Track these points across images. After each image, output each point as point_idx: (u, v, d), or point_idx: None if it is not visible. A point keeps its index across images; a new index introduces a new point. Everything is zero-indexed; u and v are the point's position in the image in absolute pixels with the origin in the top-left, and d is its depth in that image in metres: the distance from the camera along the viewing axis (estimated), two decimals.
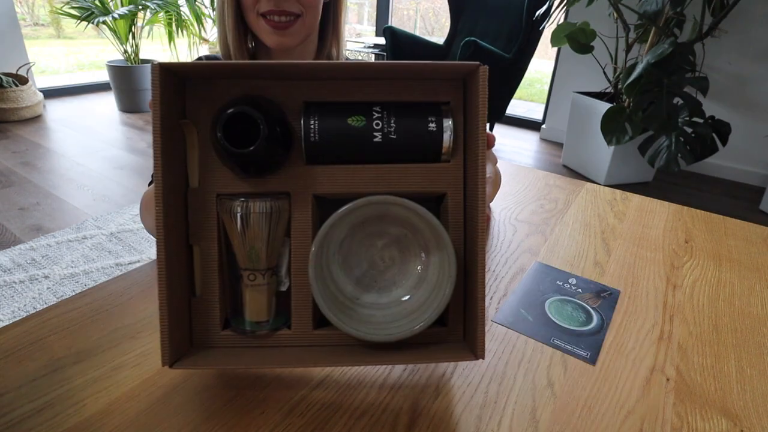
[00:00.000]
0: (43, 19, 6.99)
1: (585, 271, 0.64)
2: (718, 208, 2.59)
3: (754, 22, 2.69)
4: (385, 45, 3.47)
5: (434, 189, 0.43)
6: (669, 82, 2.26)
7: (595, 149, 2.77)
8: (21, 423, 0.38)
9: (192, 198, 0.41)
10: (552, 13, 2.63)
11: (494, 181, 0.69)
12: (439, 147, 0.42)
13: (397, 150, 0.42)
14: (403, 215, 0.42)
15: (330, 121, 0.41)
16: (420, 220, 0.41)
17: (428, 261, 0.44)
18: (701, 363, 0.49)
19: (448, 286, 0.41)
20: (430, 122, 0.42)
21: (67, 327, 0.48)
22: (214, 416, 0.39)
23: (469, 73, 0.41)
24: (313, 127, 0.41)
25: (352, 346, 0.43)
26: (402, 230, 0.43)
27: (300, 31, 0.71)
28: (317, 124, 0.41)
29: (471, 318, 0.42)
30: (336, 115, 0.42)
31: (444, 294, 0.41)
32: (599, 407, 0.43)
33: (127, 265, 1.73)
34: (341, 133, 0.41)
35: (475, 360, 0.41)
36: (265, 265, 0.42)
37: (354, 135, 0.41)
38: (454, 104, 0.43)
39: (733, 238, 0.77)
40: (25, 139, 2.94)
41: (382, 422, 0.40)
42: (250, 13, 0.70)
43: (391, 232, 0.44)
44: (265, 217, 0.41)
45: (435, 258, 0.43)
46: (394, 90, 0.43)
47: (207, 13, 3.87)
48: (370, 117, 0.41)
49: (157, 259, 0.37)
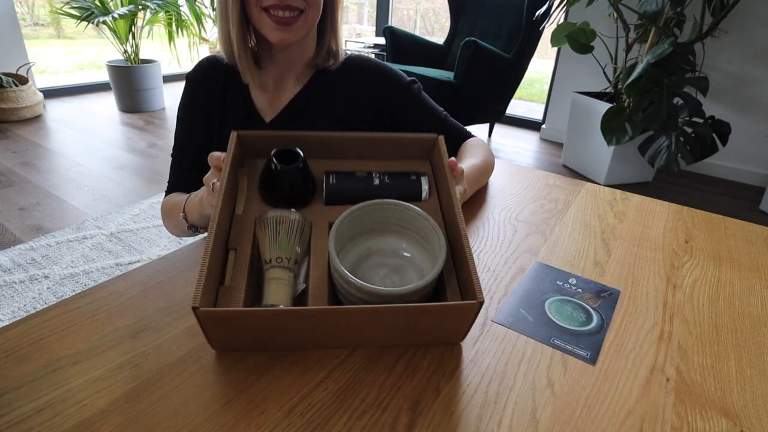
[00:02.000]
0: (43, 19, 6.99)
1: (585, 271, 0.64)
2: (718, 208, 2.59)
3: (754, 22, 2.69)
4: (385, 45, 3.47)
5: None
6: (669, 82, 2.26)
7: (595, 149, 2.77)
8: (21, 423, 0.38)
9: (237, 220, 0.54)
10: (552, 13, 2.63)
11: (474, 181, 0.80)
12: (419, 190, 0.60)
13: (390, 190, 0.58)
14: (397, 214, 0.54)
15: (342, 173, 0.60)
16: (409, 212, 0.53)
17: (421, 255, 0.54)
18: (701, 363, 0.49)
19: (441, 252, 0.49)
20: (413, 175, 0.61)
21: (67, 327, 0.48)
22: (214, 416, 0.39)
23: (431, 143, 0.63)
24: (332, 178, 0.59)
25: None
26: (397, 261, 0.54)
27: (303, 26, 0.72)
28: (334, 176, 0.59)
29: (464, 274, 0.48)
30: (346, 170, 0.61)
31: (440, 255, 0.48)
32: (599, 407, 0.43)
33: (127, 265, 1.73)
34: (350, 179, 0.59)
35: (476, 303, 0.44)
36: (287, 263, 0.49)
37: (359, 180, 0.59)
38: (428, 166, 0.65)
39: (733, 238, 0.77)
40: (25, 139, 2.94)
41: (382, 422, 0.40)
42: (253, 8, 0.70)
43: (390, 263, 0.54)
44: (292, 224, 0.52)
45: (426, 246, 0.53)
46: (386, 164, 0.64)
47: (207, 13, 3.87)
48: (370, 173, 0.60)
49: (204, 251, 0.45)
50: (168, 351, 0.46)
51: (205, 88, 0.81)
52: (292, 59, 0.80)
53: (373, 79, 0.84)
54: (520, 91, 5.70)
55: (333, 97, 0.83)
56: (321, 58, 0.81)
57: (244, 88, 0.81)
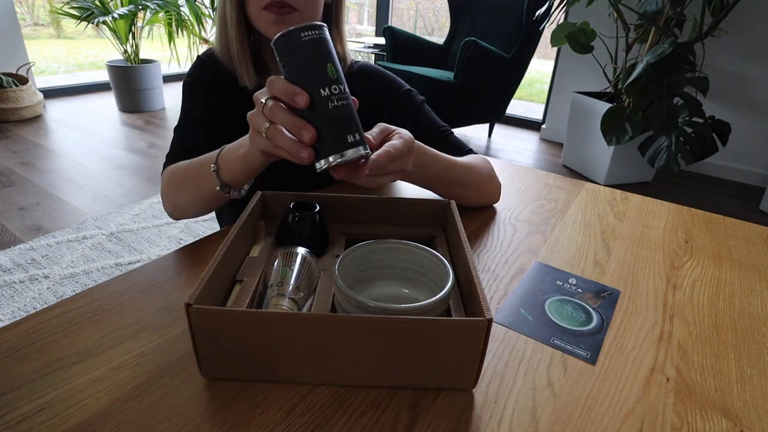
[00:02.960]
0: (43, 19, 6.99)
1: (585, 271, 0.64)
2: (718, 208, 2.59)
3: (754, 22, 2.69)
4: (385, 45, 3.47)
5: None
6: (669, 82, 2.26)
7: (595, 149, 2.77)
8: (21, 423, 0.38)
9: (249, 261, 0.54)
10: (552, 13, 2.63)
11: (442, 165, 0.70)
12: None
13: None
14: (404, 251, 0.53)
15: None
16: (417, 251, 0.52)
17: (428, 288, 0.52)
18: (701, 363, 0.49)
19: (447, 280, 0.46)
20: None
21: (67, 327, 0.48)
22: (214, 416, 0.39)
23: (444, 206, 0.63)
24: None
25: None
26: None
27: (298, 22, 0.71)
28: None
29: (471, 300, 0.45)
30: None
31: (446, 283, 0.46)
32: (599, 407, 0.43)
33: (127, 265, 1.73)
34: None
35: (484, 320, 0.39)
36: (292, 293, 0.46)
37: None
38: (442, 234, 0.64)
39: (733, 238, 0.77)
40: (25, 139, 2.94)
41: (382, 422, 0.40)
42: (253, 8, 0.70)
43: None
44: (303, 258, 0.50)
45: (433, 286, 0.50)
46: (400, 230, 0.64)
47: (207, 13, 3.87)
48: None
49: (209, 265, 0.45)
50: (168, 351, 0.46)
51: (212, 75, 0.80)
52: None
53: (373, 85, 0.84)
54: (520, 91, 5.70)
55: None
56: None
57: (246, 94, 0.77)
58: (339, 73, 0.48)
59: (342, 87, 0.48)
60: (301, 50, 0.47)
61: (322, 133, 0.47)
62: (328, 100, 0.47)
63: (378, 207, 0.64)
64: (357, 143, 0.48)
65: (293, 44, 0.47)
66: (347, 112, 0.48)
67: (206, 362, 0.42)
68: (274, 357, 0.42)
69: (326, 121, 0.47)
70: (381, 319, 0.40)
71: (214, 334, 0.40)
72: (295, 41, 0.47)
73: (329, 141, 0.47)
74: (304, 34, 0.46)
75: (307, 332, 0.40)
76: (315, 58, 0.47)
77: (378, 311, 0.41)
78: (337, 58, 0.48)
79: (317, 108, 0.47)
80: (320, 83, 0.47)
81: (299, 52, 0.47)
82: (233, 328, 0.40)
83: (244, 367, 0.42)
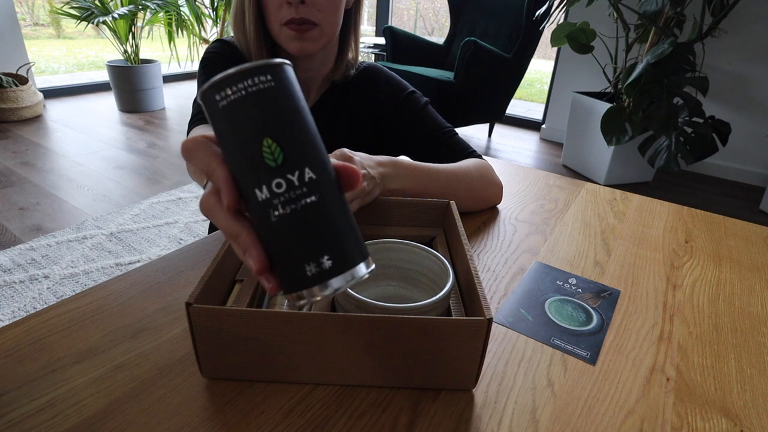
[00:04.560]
0: (43, 19, 6.99)
1: (585, 271, 0.64)
2: (718, 208, 2.59)
3: (754, 22, 2.69)
4: (385, 45, 3.47)
5: None
6: (669, 82, 2.26)
7: (595, 149, 2.77)
8: (21, 423, 0.38)
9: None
10: (552, 13, 2.63)
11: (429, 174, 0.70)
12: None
13: None
14: (404, 251, 0.53)
15: None
16: (417, 251, 0.52)
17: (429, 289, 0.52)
18: (701, 363, 0.49)
19: (447, 280, 0.46)
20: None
21: (67, 327, 0.48)
22: (214, 416, 0.39)
23: (444, 206, 0.63)
24: None
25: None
26: None
27: (319, 38, 0.71)
28: None
29: (471, 299, 0.45)
30: None
31: (446, 282, 0.46)
32: (599, 407, 0.43)
33: (127, 265, 1.73)
34: None
35: (484, 320, 0.39)
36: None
37: None
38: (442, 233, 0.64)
39: (733, 238, 0.77)
40: (25, 139, 2.94)
41: (382, 422, 0.40)
42: (274, 24, 0.70)
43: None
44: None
45: (433, 286, 0.50)
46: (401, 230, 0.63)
47: (207, 13, 3.87)
48: None
49: (209, 265, 0.44)
50: (168, 351, 0.46)
51: (232, 54, 0.79)
52: (312, 71, 0.79)
53: (378, 89, 0.84)
54: (520, 91, 5.70)
55: (342, 111, 0.82)
56: (339, 73, 0.81)
57: None
58: (295, 152, 0.28)
59: (305, 176, 0.28)
60: (221, 120, 0.28)
61: (272, 255, 0.29)
62: (269, 207, 0.28)
63: (378, 207, 0.64)
64: (326, 273, 0.28)
65: (211, 111, 0.28)
66: (307, 222, 0.28)
67: (206, 362, 0.42)
68: (274, 357, 0.42)
69: (272, 240, 0.28)
70: (381, 318, 0.40)
71: (215, 334, 0.40)
72: (211, 107, 0.28)
73: (280, 270, 0.29)
74: (225, 92, 0.27)
75: (307, 332, 0.40)
76: (241, 134, 0.27)
77: (378, 311, 0.41)
78: (302, 116, 0.29)
79: (258, 218, 0.28)
80: (253, 179, 0.28)
81: (219, 123, 0.28)
82: (233, 327, 0.40)
83: (244, 367, 0.42)
